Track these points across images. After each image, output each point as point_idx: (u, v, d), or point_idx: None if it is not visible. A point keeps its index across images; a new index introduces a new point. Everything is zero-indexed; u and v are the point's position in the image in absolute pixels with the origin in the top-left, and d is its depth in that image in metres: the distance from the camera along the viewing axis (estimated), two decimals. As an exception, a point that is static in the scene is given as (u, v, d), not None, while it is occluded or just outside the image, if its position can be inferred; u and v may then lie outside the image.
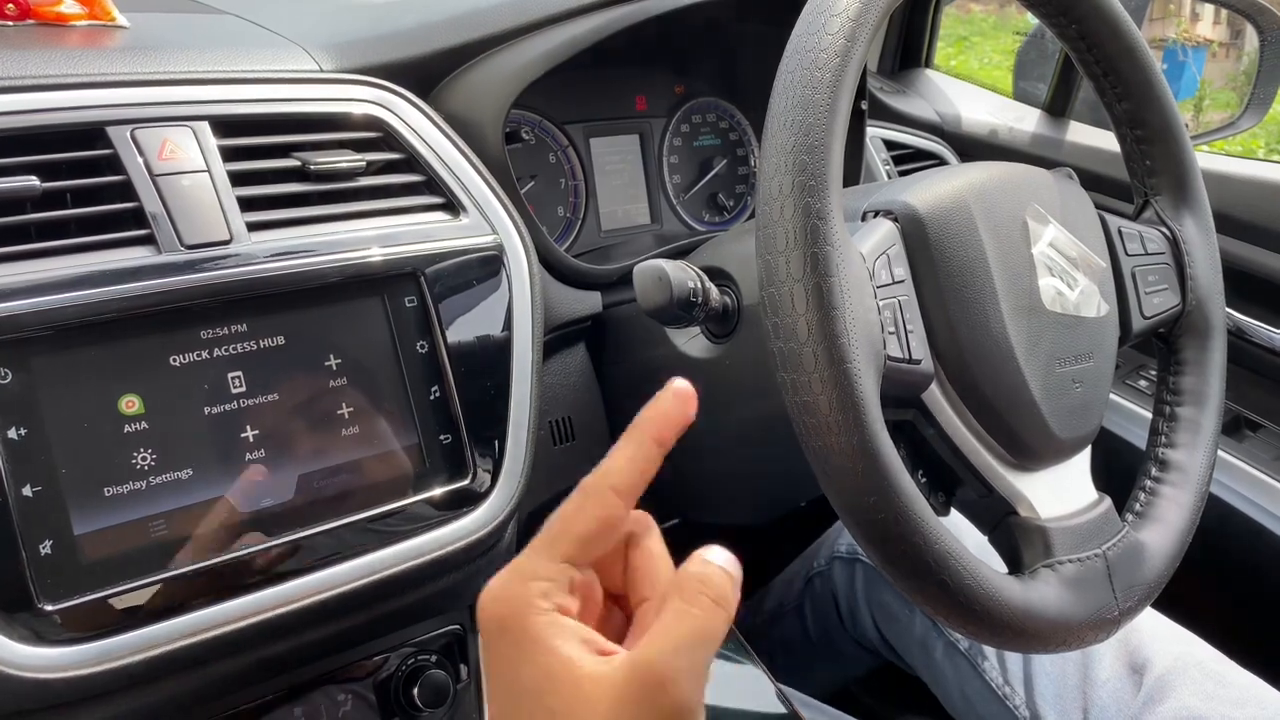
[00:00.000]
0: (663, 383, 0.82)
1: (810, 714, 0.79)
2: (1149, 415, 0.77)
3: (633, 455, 0.45)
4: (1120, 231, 0.73)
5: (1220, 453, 0.74)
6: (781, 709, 0.62)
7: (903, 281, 0.59)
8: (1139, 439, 1.11)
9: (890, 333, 0.56)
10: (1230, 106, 1.62)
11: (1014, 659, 0.87)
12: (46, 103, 0.59)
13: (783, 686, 0.66)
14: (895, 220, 0.61)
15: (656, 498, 1.04)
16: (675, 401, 0.46)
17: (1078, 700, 0.81)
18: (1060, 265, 0.66)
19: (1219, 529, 0.95)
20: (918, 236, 0.60)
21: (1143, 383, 1.18)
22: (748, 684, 0.62)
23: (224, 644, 0.58)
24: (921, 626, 0.97)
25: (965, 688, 0.91)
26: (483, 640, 0.42)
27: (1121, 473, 0.72)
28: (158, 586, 0.56)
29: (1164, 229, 0.75)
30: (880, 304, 0.56)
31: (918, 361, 0.58)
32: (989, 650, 0.89)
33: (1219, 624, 0.89)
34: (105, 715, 0.58)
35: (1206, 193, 0.76)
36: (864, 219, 0.62)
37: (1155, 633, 0.83)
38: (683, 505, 1.04)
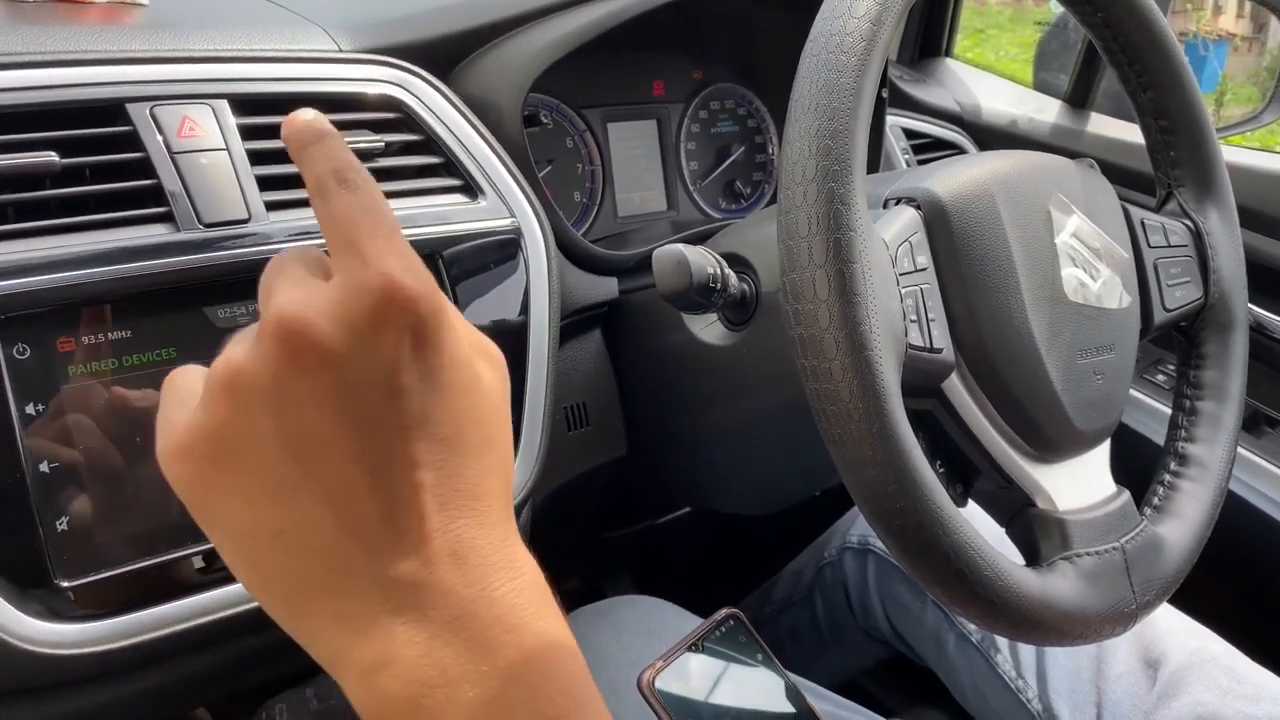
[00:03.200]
0: (679, 369, 0.82)
1: (820, 704, 0.79)
2: (1166, 409, 0.76)
3: None
4: (1143, 223, 0.72)
5: (1238, 449, 0.73)
6: (792, 698, 0.62)
7: (925, 269, 0.58)
8: (1155, 433, 1.11)
9: (912, 321, 0.55)
10: (1252, 101, 1.60)
11: (1027, 652, 0.87)
12: (66, 78, 0.59)
13: (792, 675, 0.65)
14: (918, 208, 0.60)
15: (668, 485, 1.05)
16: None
17: (1091, 694, 0.81)
18: (1083, 256, 0.65)
19: (1236, 525, 0.95)
20: (940, 224, 0.60)
21: (1160, 377, 1.17)
22: (756, 673, 0.62)
23: (237, 624, 0.58)
24: (933, 618, 0.96)
25: (977, 680, 0.90)
26: (381, 334, 0.33)
27: (1136, 467, 0.71)
28: (172, 565, 0.56)
29: (1187, 221, 0.74)
30: (902, 292, 0.55)
31: (939, 350, 0.57)
32: (1002, 642, 0.89)
33: (1235, 620, 0.89)
34: (117, 693, 0.58)
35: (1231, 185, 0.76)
36: (886, 206, 0.62)
37: (1171, 628, 0.83)
38: (694, 493, 1.04)
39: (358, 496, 0.33)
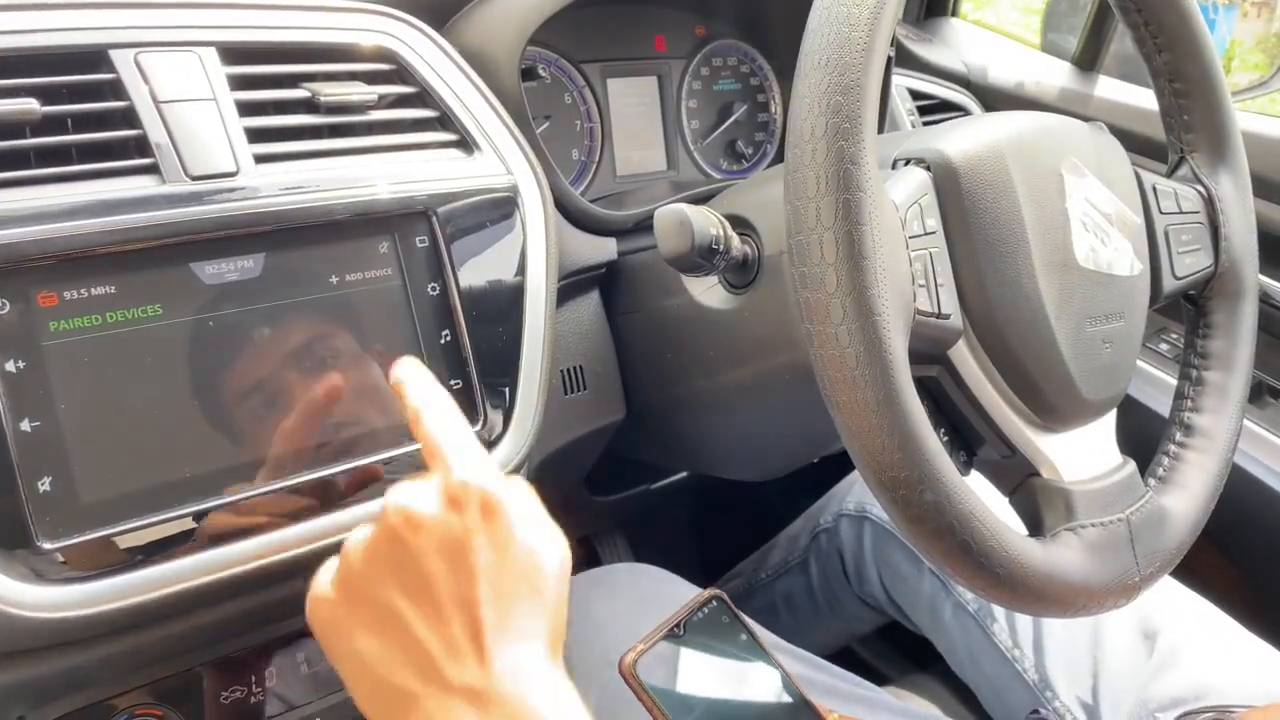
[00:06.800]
0: (678, 333, 0.81)
1: (813, 673, 0.79)
2: (1169, 379, 0.75)
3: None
4: (1154, 188, 0.70)
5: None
6: (773, 681, 0.61)
7: (934, 233, 0.57)
8: (1156, 402, 1.09)
9: (920, 286, 0.54)
10: (1260, 68, 1.58)
11: (1024, 621, 0.86)
12: (47, 22, 0.57)
13: (782, 640, 0.65)
14: (928, 169, 0.59)
15: (665, 449, 1.04)
16: None
17: (1088, 664, 0.80)
18: (1095, 221, 0.63)
19: (1236, 497, 0.94)
20: (951, 186, 0.58)
21: (1164, 346, 1.16)
22: (738, 655, 0.61)
23: (224, 588, 0.57)
24: (930, 586, 0.96)
25: (973, 649, 0.90)
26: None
27: (1139, 436, 0.70)
28: (158, 527, 0.55)
29: (1199, 187, 0.73)
30: (911, 255, 0.54)
31: (947, 316, 0.56)
32: (998, 612, 0.88)
33: (1233, 591, 0.88)
34: (100, 656, 0.57)
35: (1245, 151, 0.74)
36: (894, 167, 0.60)
37: (1168, 599, 0.82)
38: (691, 458, 1.03)
39: (444, 620, 0.45)
